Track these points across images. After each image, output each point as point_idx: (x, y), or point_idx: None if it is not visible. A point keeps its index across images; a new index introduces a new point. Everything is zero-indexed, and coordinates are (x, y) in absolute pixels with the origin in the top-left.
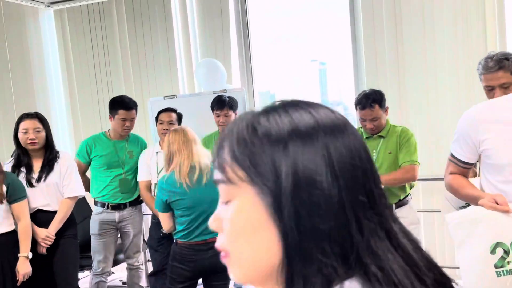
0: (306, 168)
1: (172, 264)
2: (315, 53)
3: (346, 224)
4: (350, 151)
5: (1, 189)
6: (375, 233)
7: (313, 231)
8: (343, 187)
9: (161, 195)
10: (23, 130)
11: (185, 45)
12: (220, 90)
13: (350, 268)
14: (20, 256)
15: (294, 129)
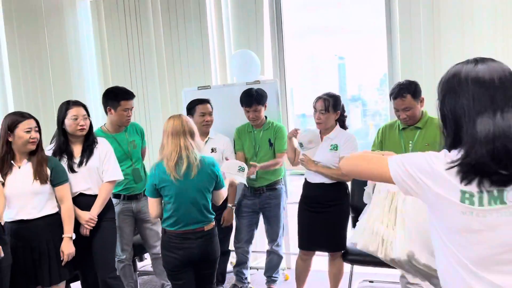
0: None
1: (163, 254)
2: (338, 48)
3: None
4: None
5: (45, 169)
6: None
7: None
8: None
9: (151, 180)
10: (73, 116)
11: (218, 36)
12: (253, 81)
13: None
14: (64, 237)
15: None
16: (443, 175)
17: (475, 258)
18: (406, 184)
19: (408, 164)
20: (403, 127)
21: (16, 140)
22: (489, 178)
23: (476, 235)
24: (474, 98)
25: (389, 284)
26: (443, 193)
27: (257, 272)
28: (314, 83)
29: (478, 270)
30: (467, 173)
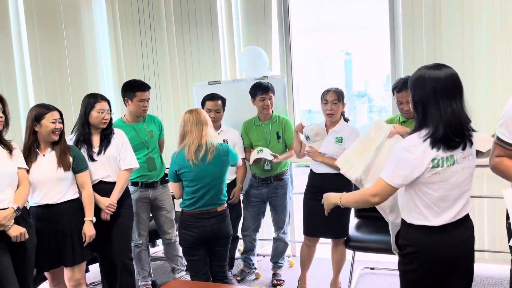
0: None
1: (180, 232)
2: (344, 44)
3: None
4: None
5: (68, 158)
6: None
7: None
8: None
9: (173, 167)
10: (100, 110)
11: (228, 33)
12: (261, 77)
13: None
14: (86, 220)
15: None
16: (420, 158)
17: (434, 199)
18: (404, 182)
19: (398, 172)
20: (403, 120)
21: (42, 130)
22: (449, 144)
23: (438, 185)
24: (435, 91)
25: (390, 271)
26: (421, 170)
27: (263, 258)
28: (320, 79)
29: (433, 205)
30: (436, 142)
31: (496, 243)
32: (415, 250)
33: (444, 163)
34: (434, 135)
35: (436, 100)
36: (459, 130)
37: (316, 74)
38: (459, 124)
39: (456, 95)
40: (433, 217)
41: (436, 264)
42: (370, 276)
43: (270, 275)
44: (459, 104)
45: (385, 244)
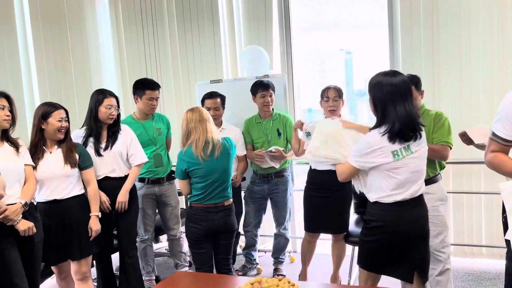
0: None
1: (188, 225)
2: (344, 43)
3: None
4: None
5: (75, 155)
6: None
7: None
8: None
9: (181, 165)
10: (108, 106)
11: (229, 33)
12: (262, 76)
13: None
14: (92, 215)
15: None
16: (380, 149)
17: (399, 182)
18: (365, 166)
19: (363, 159)
20: None
21: (48, 128)
22: (404, 137)
23: (401, 170)
24: (392, 94)
25: None
26: (384, 161)
27: (265, 254)
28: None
29: (399, 188)
30: (393, 136)
31: (493, 238)
32: (380, 225)
33: (404, 153)
34: (391, 130)
35: (392, 101)
36: (411, 126)
37: (317, 73)
38: (411, 120)
39: (408, 97)
40: (396, 196)
41: (396, 236)
42: None
43: (271, 270)
44: (410, 104)
45: None
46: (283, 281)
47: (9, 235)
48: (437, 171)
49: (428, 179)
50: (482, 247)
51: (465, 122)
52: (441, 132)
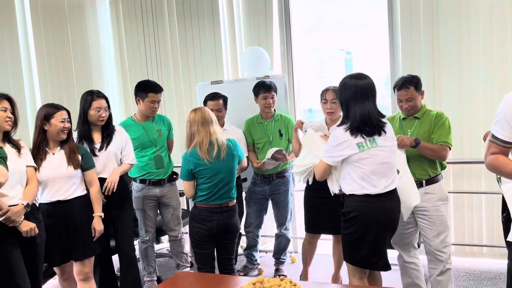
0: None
1: (192, 225)
2: (344, 43)
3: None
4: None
5: (78, 156)
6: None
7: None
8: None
9: (186, 166)
10: (97, 108)
11: (230, 33)
12: (263, 76)
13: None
14: (95, 215)
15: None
16: (346, 142)
17: (367, 172)
18: (336, 160)
19: (332, 154)
20: (403, 117)
21: (51, 129)
22: (363, 132)
23: (367, 161)
24: (356, 94)
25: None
26: (351, 152)
27: (266, 254)
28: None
29: (367, 178)
30: (354, 131)
31: (494, 237)
32: (355, 215)
33: (369, 144)
34: (352, 126)
35: (354, 101)
36: (370, 123)
37: (317, 73)
38: (369, 118)
39: (369, 98)
40: (368, 187)
41: (371, 226)
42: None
43: (272, 271)
44: (371, 104)
45: None
46: (285, 281)
47: (11, 236)
48: (438, 171)
49: (429, 179)
50: (483, 246)
51: (465, 122)
52: (440, 132)
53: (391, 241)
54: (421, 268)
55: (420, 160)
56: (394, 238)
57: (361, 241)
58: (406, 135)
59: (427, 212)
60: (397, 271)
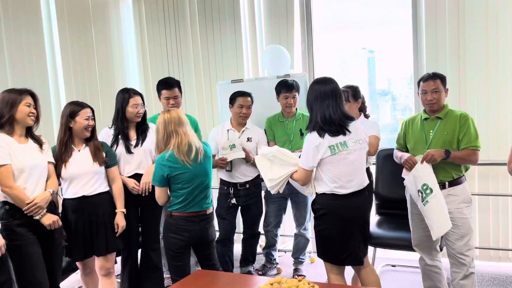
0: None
1: (167, 236)
2: (366, 41)
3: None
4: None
5: (102, 153)
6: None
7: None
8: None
9: (161, 171)
10: (134, 105)
11: (251, 32)
12: (283, 75)
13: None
14: (118, 211)
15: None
16: (319, 145)
17: (336, 174)
18: (314, 164)
19: (308, 159)
20: (425, 118)
21: (76, 126)
22: (327, 132)
23: (336, 163)
24: (317, 98)
25: (411, 268)
26: (323, 155)
27: (284, 254)
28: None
29: (337, 179)
30: (319, 131)
31: (500, 240)
32: (325, 212)
33: (340, 147)
34: (315, 127)
35: (316, 104)
36: (330, 122)
37: (338, 72)
38: (330, 118)
39: (331, 101)
40: (337, 189)
41: (340, 222)
42: (391, 273)
43: (291, 271)
44: (335, 106)
45: (407, 241)
46: (303, 282)
47: (32, 232)
48: (462, 172)
49: (452, 180)
50: (508, 250)
51: (491, 122)
52: (468, 138)
53: (413, 244)
54: (444, 271)
55: (444, 162)
56: (416, 241)
57: (330, 237)
58: (428, 136)
59: (450, 215)
60: (418, 274)
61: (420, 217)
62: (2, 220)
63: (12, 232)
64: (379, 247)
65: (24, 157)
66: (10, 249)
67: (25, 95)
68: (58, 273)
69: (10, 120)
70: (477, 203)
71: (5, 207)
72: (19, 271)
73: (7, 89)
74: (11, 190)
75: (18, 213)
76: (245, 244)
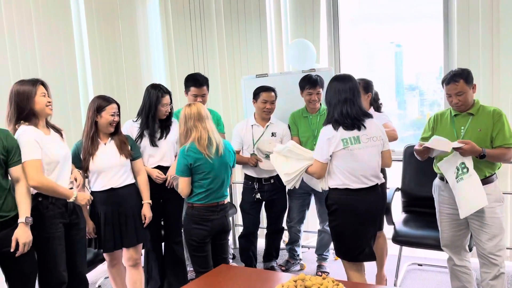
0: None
1: (190, 227)
2: (394, 35)
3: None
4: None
5: (128, 147)
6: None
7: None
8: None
9: (185, 161)
10: (165, 104)
11: (276, 25)
12: (308, 69)
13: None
14: (144, 203)
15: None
16: (332, 137)
17: (348, 169)
18: (327, 158)
19: (323, 151)
20: (455, 114)
21: (101, 121)
22: (342, 125)
23: (350, 158)
24: (337, 95)
25: (438, 268)
26: (336, 148)
27: (308, 250)
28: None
29: (349, 173)
30: (335, 124)
31: None
32: (337, 207)
33: (352, 142)
34: (332, 120)
35: (335, 100)
36: (347, 116)
37: (365, 66)
38: (347, 113)
39: (350, 97)
40: (349, 182)
41: (352, 218)
42: (417, 272)
43: (315, 267)
44: (353, 102)
45: (434, 240)
46: (327, 280)
47: (61, 223)
48: (494, 170)
49: (484, 179)
50: (508, 249)
51: None
52: (503, 135)
53: (441, 244)
54: (473, 272)
55: (477, 159)
56: (445, 241)
57: (343, 234)
58: (459, 132)
59: (481, 214)
60: (445, 274)
61: (449, 217)
62: (35, 212)
63: (44, 224)
64: (406, 245)
65: (55, 148)
66: (39, 240)
67: (38, 85)
68: (83, 262)
69: (31, 112)
70: (509, 202)
71: (38, 199)
72: (43, 262)
73: (18, 81)
74: (40, 182)
75: (51, 205)
76: (268, 239)
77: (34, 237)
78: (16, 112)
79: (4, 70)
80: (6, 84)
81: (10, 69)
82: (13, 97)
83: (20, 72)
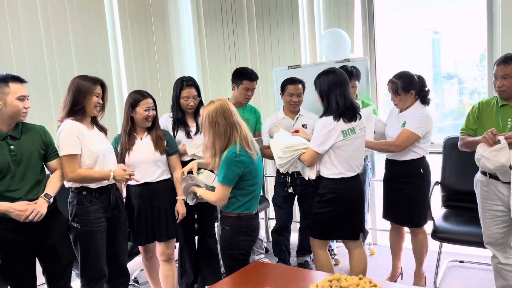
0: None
1: (238, 240)
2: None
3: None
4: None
5: (164, 143)
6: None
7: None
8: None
9: (237, 170)
10: (185, 97)
11: (309, 15)
12: (342, 60)
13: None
14: (178, 198)
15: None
16: (333, 129)
17: (345, 158)
18: (325, 148)
19: (321, 142)
20: (502, 104)
21: (136, 116)
22: (344, 116)
23: (347, 147)
24: (332, 87)
25: (481, 265)
26: (337, 139)
27: (342, 245)
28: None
29: (345, 162)
30: (337, 117)
31: None
32: (334, 196)
33: (350, 133)
34: (335, 113)
35: (332, 92)
36: (350, 107)
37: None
38: (350, 103)
39: (343, 86)
40: (345, 171)
41: (346, 204)
42: (458, 269)
43: None
44: (347, 94)
45: (477, 236)
46: (364, 281)
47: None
48: None
49: None
50: None
51: None
52: None
53: (484, 241)
54: None
55: None
56: (488, 238)
57: (335, 218)
58: (505, 124)
59: None
60: (489, 272)
61: (493, 213)
62: (79, 206)
63: (88, 217)
64: (446, 242)
65: (96, 142)
66: (82, 234)
67: (97, 85)
68: (125, 255)
69: (83, 108)
70: None
71: (83, 193)
72: (85, 256)
73: (81, 75)
74: (77, 174)
75: (95, 199)
76: (302, 233)
77: (78, 231)
78: (70, 103)
79: (41, 68)
80: (43, 82)
81: (47, 67)
82: (73, 89)
83: (56, 70)
